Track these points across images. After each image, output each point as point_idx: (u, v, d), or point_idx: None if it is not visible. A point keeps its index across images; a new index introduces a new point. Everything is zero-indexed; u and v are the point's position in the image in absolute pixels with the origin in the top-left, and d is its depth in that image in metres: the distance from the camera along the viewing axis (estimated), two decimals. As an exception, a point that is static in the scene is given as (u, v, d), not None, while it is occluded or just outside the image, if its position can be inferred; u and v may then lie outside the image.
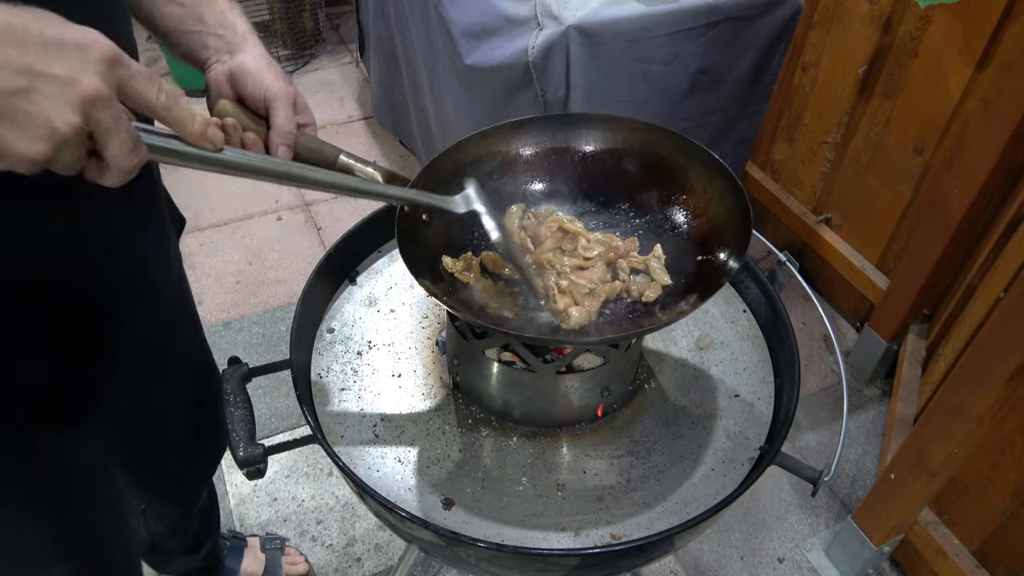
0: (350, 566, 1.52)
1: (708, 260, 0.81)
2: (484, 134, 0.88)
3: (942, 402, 1.24)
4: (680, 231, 0.86)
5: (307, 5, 2.94)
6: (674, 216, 0.88)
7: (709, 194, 0.85)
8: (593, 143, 0.92)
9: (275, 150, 0.74)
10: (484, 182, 0.86)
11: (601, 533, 0.79)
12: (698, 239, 0.85)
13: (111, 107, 0.48)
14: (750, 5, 1.54)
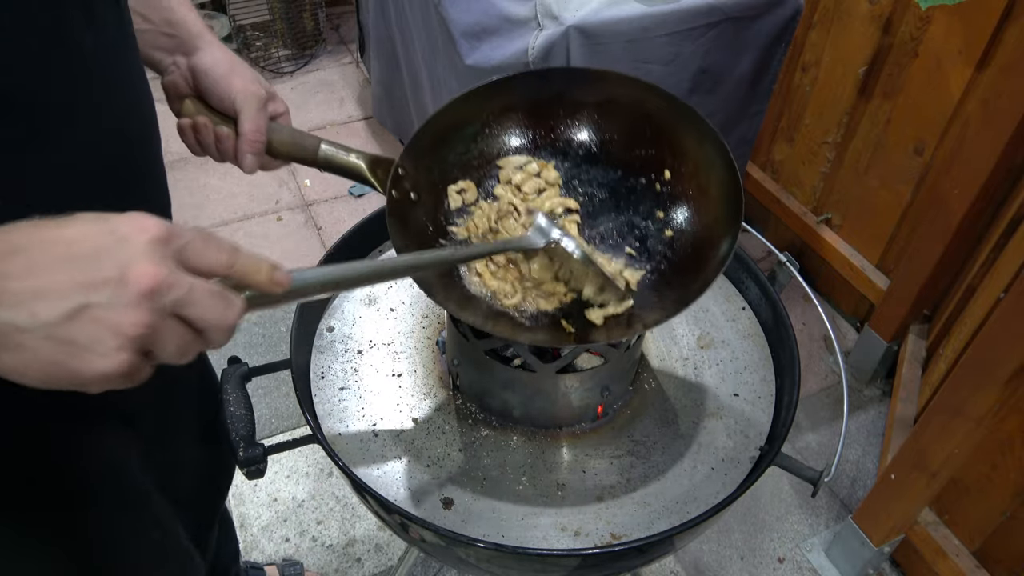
0: (350, 566, 1.52)
1: (703, 252, 0.79)
2: (466, 97, 0.83)
3: (942, 402, 1.23)
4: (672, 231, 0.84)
5: (307, 5, 2.94)
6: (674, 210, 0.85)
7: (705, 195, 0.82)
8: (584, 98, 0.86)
9: (241, 159, 0.72)
10: (469, 145, 0.83)
11: (601, 533, 0.79)
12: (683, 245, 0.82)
13: (176, 284, 0.43)
14: (750, 5, 1.54)
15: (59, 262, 0.41)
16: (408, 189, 0.78)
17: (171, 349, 0.45)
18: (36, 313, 0.40)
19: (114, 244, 0.42)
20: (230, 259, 0.47)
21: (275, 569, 1.46)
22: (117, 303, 0.41)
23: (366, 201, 2.44)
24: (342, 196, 2.45)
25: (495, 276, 0.78)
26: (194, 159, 2.57)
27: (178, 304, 0.44)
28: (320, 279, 0.53)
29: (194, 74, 0.71)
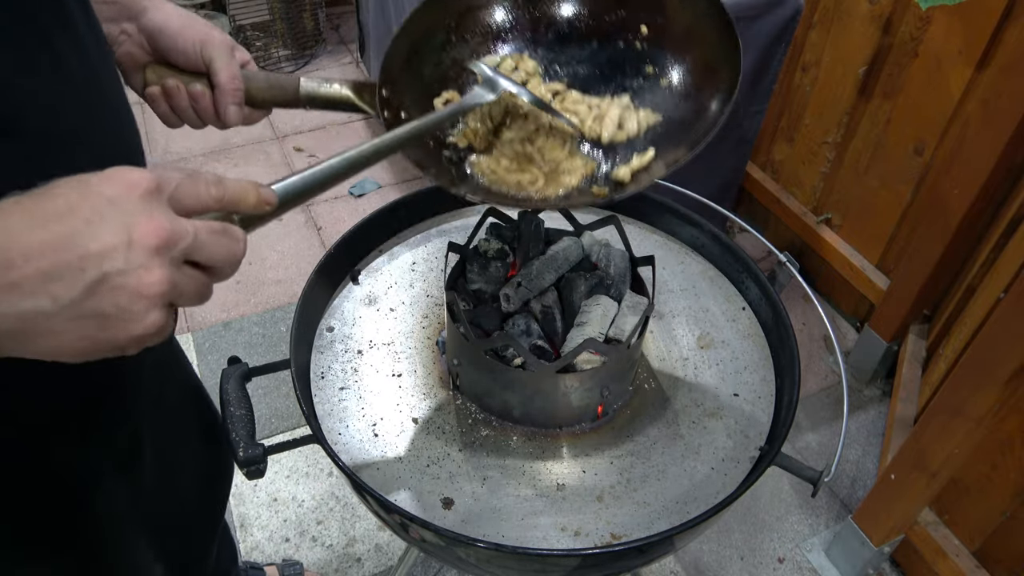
0: (350, 566, 1.52)
1: (694, 117, 0.77)
2: (424, 8, 0.81)
3: (942, 402, 1.24)
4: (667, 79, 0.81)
5: (307, 5, 2.94)
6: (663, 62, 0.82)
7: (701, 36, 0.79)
8: None
9: (224, 111, 0.69)
10: (441, 56, 0.81)
11: (601, 533, 0.79)
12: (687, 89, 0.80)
13: (182, 233, 0.43)
14: (750, 5, 1.54)
15: (61, 239, 0.39)
16: (397, 109, 0.77)
17: (191, 294, 0.45)
18: (56, 295, 0.39)
19: (108, 208, 0.41)
20: (219, 192, 0.47)
21: (275, 569, 1.46)
22: (132, 266, 0.41)
23: (366, 201, 2.44)
24: (342, 196, 2.45)
25: (511, 171, 0.76)
26: (193, 161, 2.57)
27: (188, 251, 0.44)
28: (303, 184, 0.54)
29: (149, 36, 0.67)
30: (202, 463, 1.00)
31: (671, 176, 0.85)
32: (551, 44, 0.85)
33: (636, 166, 0.75)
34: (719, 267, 1.08)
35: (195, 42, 0.68)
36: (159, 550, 0.89)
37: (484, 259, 0.95)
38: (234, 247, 0.47)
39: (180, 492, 0.95)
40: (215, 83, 0.69)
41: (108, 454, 0.74)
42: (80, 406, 0.67)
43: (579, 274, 0.92)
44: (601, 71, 0.83)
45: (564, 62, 0.85)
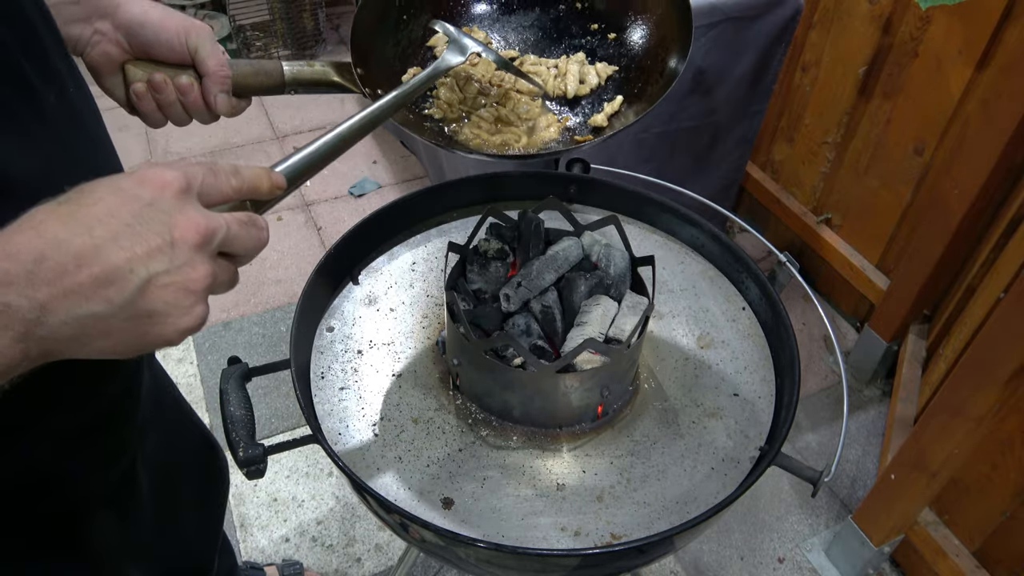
0: (350, 566, 1.52)
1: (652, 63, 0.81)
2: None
3: (942, 402, 1.24)
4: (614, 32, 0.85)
5: (307, 5, 2.94)
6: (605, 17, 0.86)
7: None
8: None
9: (214, 100, 0.69)
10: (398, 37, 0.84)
11: (601, 533, 0.79)
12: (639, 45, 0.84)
13: (216, 228, 0.46)
14: (750, 5, 1.54)
15: (107, 242, 0.41)
16: (374, 86, 0.79)
17: (224, 283, 0.48)
18: (110, 298, 0.41)
19: (147, 210, 0.43)
20: (238, 183, 0.50)
21: (275, 569, 1.46)
22: (177, 265, 0.43)
23: (366, 201, 2.44)
24: (342, 196, 2.45)
25: (493, 133, 0.80)
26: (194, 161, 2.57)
27: (223, 243, 0.47)
28: (305, 162, 0.59)
29: (128, 31, 0.66)
30: (199, 480, 1.00)
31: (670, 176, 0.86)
32: (496, 16, 0.89)
33: (609, 112, 0.81)
34: (719, 267, 1.08)
35: (179, 31, 0.66)
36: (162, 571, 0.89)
37: (484, 259, 0.95)
38: (260, 235, 0.50)
39: (180, 511, 0.95)
40: (203, 71, 0.68)
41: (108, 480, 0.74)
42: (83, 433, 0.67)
43: (579, 274, 0.92)
44: (549, 34, 0.88)
45: (513, 30, 0.89)
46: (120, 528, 0.78)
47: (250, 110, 0.76)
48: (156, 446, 0.83)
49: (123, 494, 0.77)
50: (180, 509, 0.95)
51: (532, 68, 0.84)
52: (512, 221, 0.99)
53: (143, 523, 0.82)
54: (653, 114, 1.66)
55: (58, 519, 0.69)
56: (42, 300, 0.39)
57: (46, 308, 0.39)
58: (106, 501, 0.74)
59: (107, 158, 0.64)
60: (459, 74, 0.83)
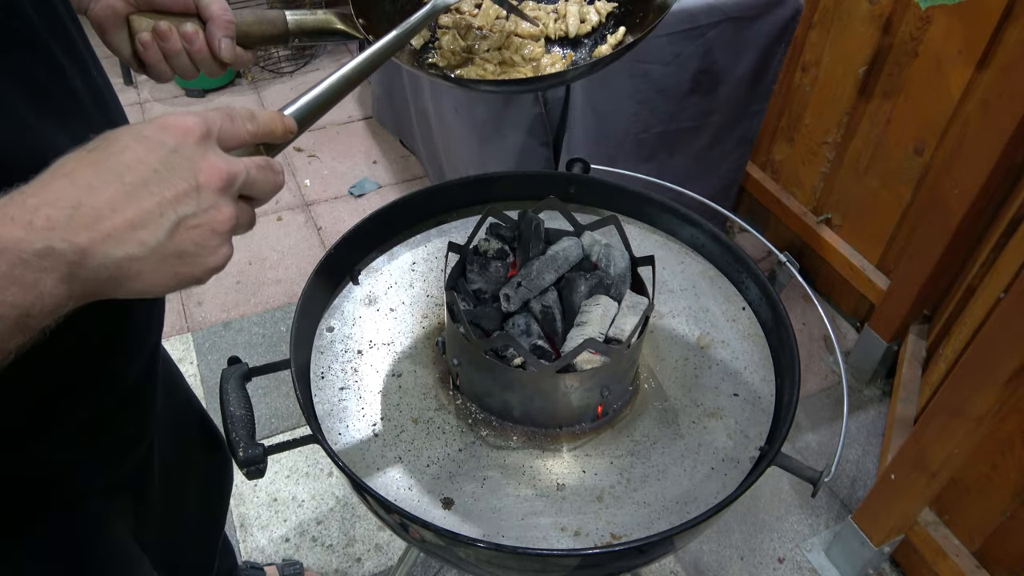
0: (350, 566, 1.52)
1: None
2: None
3: (942, 402, 1.24)
4: None
5: (307, 5, 2.94)
6: None
7: None
8: None
9: (218, 46, 0.69)
10: None
11: (601, 533, 0.79)
12: None
13: (237, 172, 0.48)
14: (750, 5, 1.54)
15: (137, 188, 0.43)
16: (377, 34, 0.77)
17: (245, 224, 0.50)
18: (144, 241, 0.43)
19: (172, 156, 0.45)
20: (254, 127, 0.52)
21: (275, 569, 1.46)
22: (204, 207, 0.45)
23: (366, 201, 2.44)
24: (342, 196, 2.45)
25: (499, 75, 0.81)
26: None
27: (244, 186, 0.49)
28: (312, 104, 0.61)
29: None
30: (204, 476, 1.00)
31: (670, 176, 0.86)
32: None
33: (613, 43, 0.82)
34: (719, 267, 1.08)
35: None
36: (165, 567, 0.89)
37: (484, 259, 0.95)
38: (276, 179, 0.52)
39: (185, 507, 0.95)
40: (207, 16, 0.68)
41: (121, 476, 0.74)
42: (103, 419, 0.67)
43: (579, 274, 0.92)
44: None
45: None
46: (130, 522, 0.78)
47: (250, 105, 0.76)
48: (166, 441, 0.83)
49: (136, 487, 0.77)
50: (185, 506, 0.95)
51: (532, 12, 0.85)
52: (512, 221, 0.99)
53: (151, 518, 0.82)
54: (653, 114, 1.66)
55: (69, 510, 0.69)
56: (82, 244, 0.41)
57: (86, 252, 0.41)
58: (120, 494, 0.75)
59: None
60: (460, 23, 0.84)
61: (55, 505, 0.67)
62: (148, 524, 0.81)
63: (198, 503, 1.00)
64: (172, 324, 2.00)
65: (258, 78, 2.93)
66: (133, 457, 0.75)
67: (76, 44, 0.57)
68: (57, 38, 0.54)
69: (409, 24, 0.72)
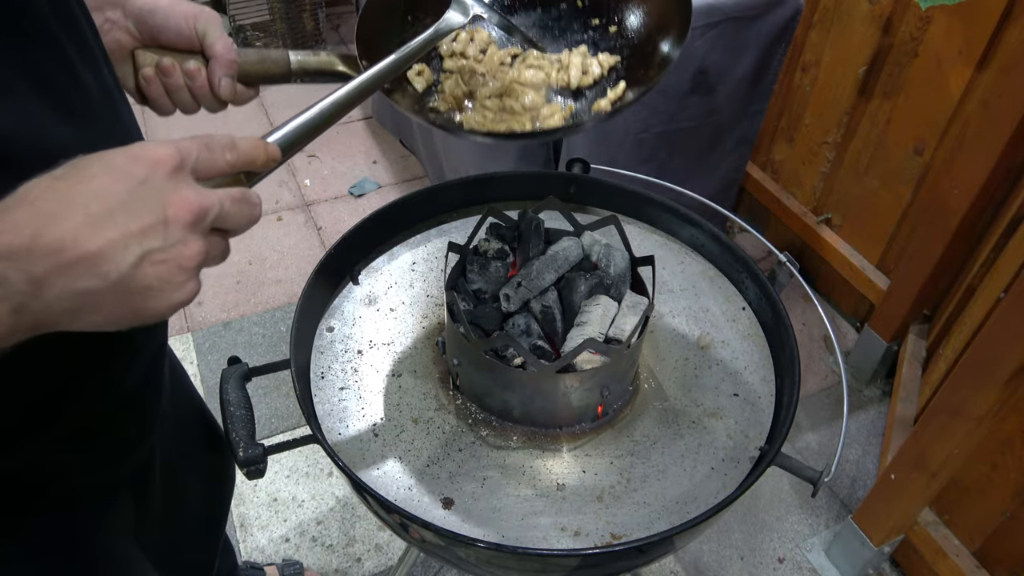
0: (350, 566, 1.52)
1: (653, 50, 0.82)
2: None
3: (942, 402, 1.24)
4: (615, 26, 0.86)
5: (307, 5, 2.94)
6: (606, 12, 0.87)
7: None
8: None
9: (218, 84, 0.69)
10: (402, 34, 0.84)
11: (601, 533, 0.79)
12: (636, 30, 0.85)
13: (209, 206, 0.46)
14: (750, 5, 1.54)
15: (102, 219, 0.42)
16: None
17: (216, 257, 0.49)
18: (106, 274, 0.42)
19: (140, 188, 0.43)
20: (233, 157, 0.50)
21: (275, 569, 1.46)
22: (171, 242, 0.44)
23: (366, 201, 2.44)
24: (342, 196, 2.45)
25: (498, 122, 0.80)
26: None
27: (216, 220, 0.47)
28: (299, 131, 0.58)
29: (138, 18, 0.67)
30: (205, 476, 1.00)
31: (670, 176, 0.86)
32: (499, 16, 0.89)
33: (613, 97, 0.81)
34: (719, 267, 1.08)
35: (187, 17, 0.68)
36: (165, 567, 0.89)
37: (484, 259, 0.95)
38: (253, 211, 0.50)
39: (186, 507, 0.95)
40: (210, 55, 0.68)
41: (121, 475, 0.74)
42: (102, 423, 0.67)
43: (579, 274, 0.92)
44: (551, 32, 0.88)
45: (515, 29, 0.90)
46: (130, 521, 0.78)
47: (250, 109, 0.76)
48: (170, 440, 0.83)
49: (137, 487, 0.77)
50: (186, 506, 0.95)
51: (535, 62, 0.85)
52: (512, 221, 0.99)
53: (151, 518, 0.82)
54: (653, 114, 1.66)
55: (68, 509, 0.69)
56: (39, 275, 0.40)
57: (42, 283, 0.40)
58: (120, 493, 0.75)
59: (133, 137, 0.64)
60: (463, 68, 0.84)
61: (54, 504, 0.67)
62: (148, 524, 0.81)
63: (199, 503, 1.00)
64: (172, 324, 2.00)
65: (258, 78, 2.93)
66: (134, 458, 0.75)
67: (88, 42, 0.57)
68: (70, 35, 0.54)
69: (408, 50, 0.71)
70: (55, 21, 0.52)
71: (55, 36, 0.52)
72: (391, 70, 0.69)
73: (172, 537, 0.91)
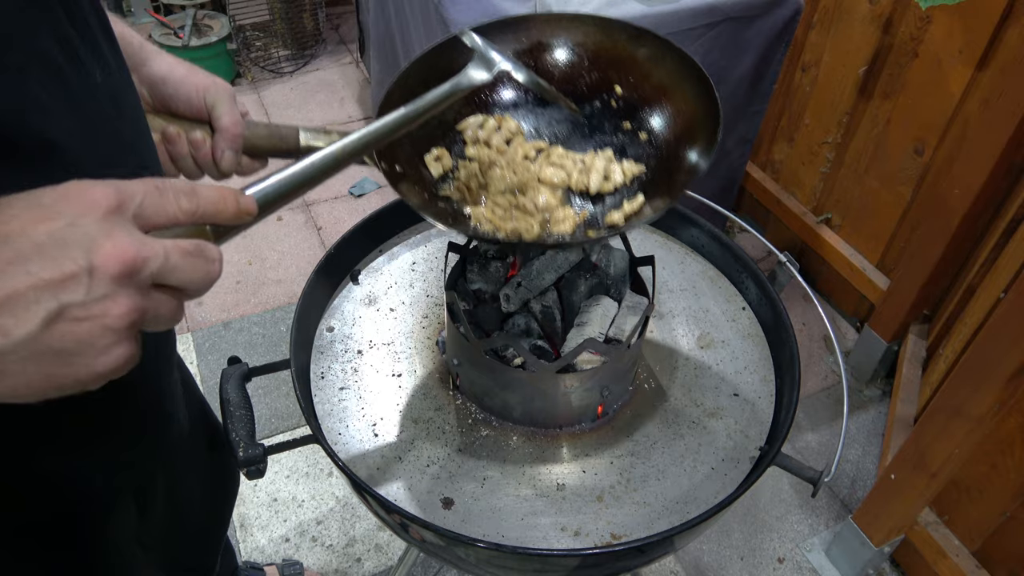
0: (350, 566, 1.52)
1: (678, 164, 0.80)
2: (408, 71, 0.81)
3: (942, 402, 1.23)
4: (646, 133, 0.85)
5: (307, 5, 2.94)
6: (639, 116, 0.85)
7: (675, 90, 0.83)
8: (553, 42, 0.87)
9: (220, 156, 0.69)
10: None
11: (601, 533, 0.79)
12: (666, 140, 0.83)
13: (150, 256, 0.39)
14: (750, 5, 1.54)
15: (11, 266, 0.35)
16: (392, 162, 0.77)
17: (161, 319, 0.41)
18: (8, 331, 0.35)
19: (65, 231, 0.37)
20: (191, 205, 0.43)
21: (275, 569, 1.46)
22: (94, 296, 0.37)
23: (366, 201, 2.44)
24: (342, 196, 2.45)
25: (506, 219, 0.79)
26: (194, 159, 2.56)
27: (158, 275, 0.40)
28: (284, 186, 0.51)
29: (151, 84, 0.68)
30: (208, 478, 1.00)
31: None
32: (531, 106, 0.88)
33: (628, 211, 0.78)
34: (719, 267, 1.08)
35: (198, 88, 0.68)
36: (167, 568, 0.89)
37: (484, 259, 0.95)
38: (209, 268, 0.43)
39: (189, 508, 0.95)
40: (217, 127, 0.68)
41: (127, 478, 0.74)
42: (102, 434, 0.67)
43: (579, 274, 0.92)
44: (581, 130, 0.87)
45: (544, 123, 0.88)
46: (134, 522, 0.78)
47: (250, 110, 0.76)
48: (175, 443, 0.83)
49: (141, 488, 0.77)
50: (189, 506, 0.95)
51: (558, 160, 0.82)
52: (512, 221, 0.99)
53: (154, 519, 0.82)
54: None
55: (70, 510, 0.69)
56: None
57: None
58: (124, 495, 0.75)
59: (151, 151, 0.64)
60: (484, 159, 0.81)
61: (56, 506, 0.67)
62: (151, 525, 0.81)
63: (202, 504, 1.00)
64: (172, 324, 2.00)
65: (258, 78, 2.93)
66: (138, 460, 0.75)
67: (97, 41, 0.57)
68: (78, 28, 0.53)
69: (422, 103, 0.65)
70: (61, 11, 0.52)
71: (63, 29, 0.51)
72: (401, 123, 0.63)
73: (174, 538, 0.91)
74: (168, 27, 2.65)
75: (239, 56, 2.82)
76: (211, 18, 2.78)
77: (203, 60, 2.71)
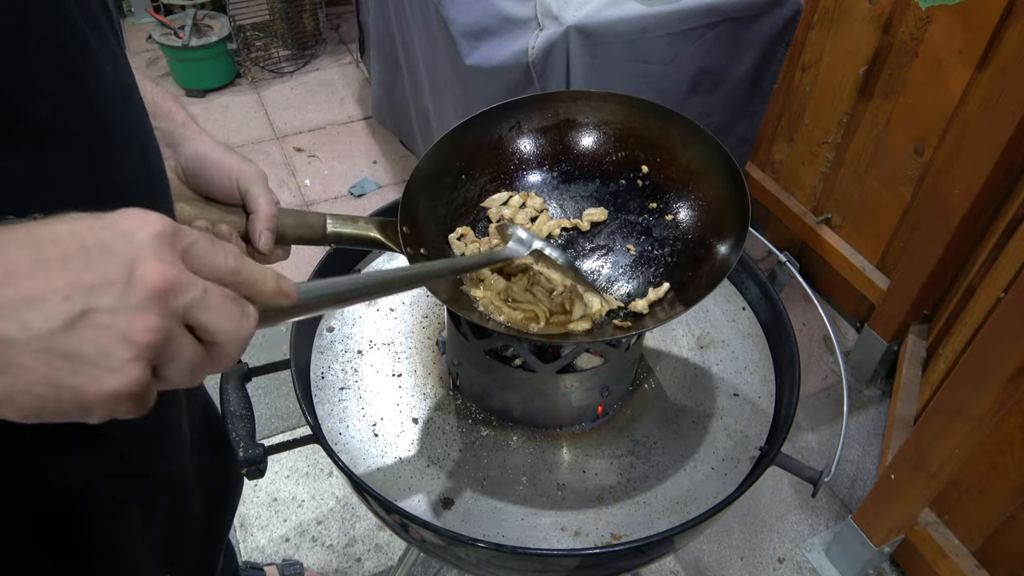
0: (350, 566, 1.52)
1: (705, 253, 0.80)
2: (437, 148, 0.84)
3: (942, 402, 1.23)
4: (675, 222, 0.85)
5: (307, 5, 2.94)
6: (665, 198, 0.86)
7: (703, 176, 0.83)
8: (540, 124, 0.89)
9: (258, 238, 0.68)
10: (453, 194, 0.85)
11: (601, 533, 0.79)
12: (694, 231, 0.83)
13: (189, 284, 0.38)
14: (750, 5, 1.54)
15: (52, 263, 0.35)
16: (418, 244, 0.78)
17: (183, 365, 0.39)
18: (28, 323, 0.34)
19: (116, 239, 0.37)
20: (237, 265, 0.42)
21: (275, 569, 1.46)
22: (125, 306, 0.36)
23: (366, 201, 2.44)
24: (342, 196, 2.45)
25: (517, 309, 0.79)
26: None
27: (192, 307, 0.39)
28: (328, 292, 0.50)
29: (185, 165, 0.68)
30: (212, 479, 1.00)
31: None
32: (556, 184, 0.89)
33: (652, 298, 0.78)
34: (719, 267, 1.08)
35: (231, 174, 0.68)
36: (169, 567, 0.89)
37: (484, 259, 0.95)
38: (243, 323, 0.41)
39: (192, 508, 0.95)
40: (253, 209, 0.68)
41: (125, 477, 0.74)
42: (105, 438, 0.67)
43: (579, 274, 0.92)
44: (607, 207, 0.87)
45: (571, 199, 0.89)
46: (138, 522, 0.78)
47: (250, 110, 0.76)
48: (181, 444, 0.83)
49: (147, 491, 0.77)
50: (192, 508, 0.95)
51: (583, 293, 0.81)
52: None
53: (156, 519, 0.82)
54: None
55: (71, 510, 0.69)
56: None
57: None
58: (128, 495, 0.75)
59: (153, 144, 0.63)
60: (535, 277, 0.81)
61: (57, 506, 0.67)
62: (153, 525, 0.81)
63: (204, 505, 1.00)
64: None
65: (258, 78, 2.93)
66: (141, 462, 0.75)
67: (105, 34, 0.57)
68: (87, 20, 0.53)
69: (459, 264, 0.72)
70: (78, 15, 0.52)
71: (74, 19, 0.51)
72: (434, 274, 0.68)
73: (176, 539, 0.91)
74: (168, 27, 2.65)
75: (239, 56, 2.82)
76: (211, 18, 2.78)
77: (203, 60, 2.71)
